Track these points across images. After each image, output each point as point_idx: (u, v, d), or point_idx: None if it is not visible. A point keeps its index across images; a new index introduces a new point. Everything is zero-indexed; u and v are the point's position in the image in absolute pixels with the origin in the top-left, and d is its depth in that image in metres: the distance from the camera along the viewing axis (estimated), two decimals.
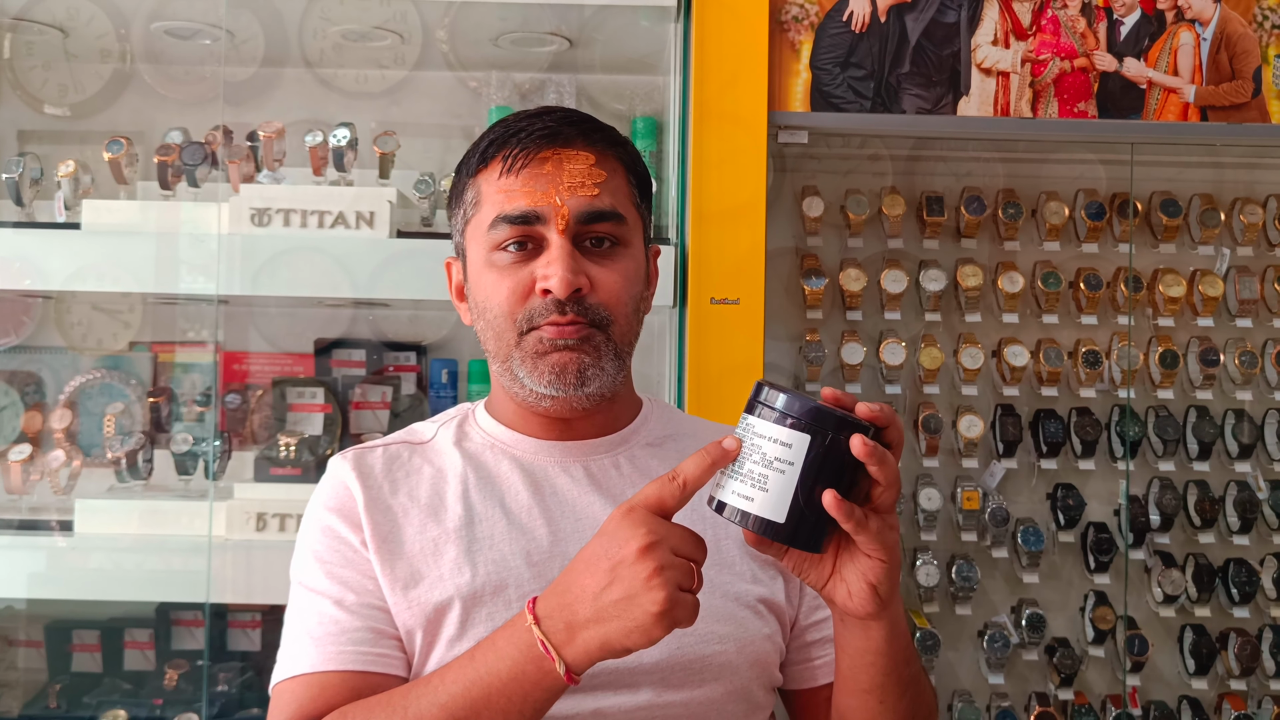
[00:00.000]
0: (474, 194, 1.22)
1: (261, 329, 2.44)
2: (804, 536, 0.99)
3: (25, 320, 2.46)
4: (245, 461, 2.22)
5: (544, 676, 1.00)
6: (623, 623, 0.97)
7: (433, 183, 2.22)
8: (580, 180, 1.17)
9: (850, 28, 2.15)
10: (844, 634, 1.10)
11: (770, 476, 0.98)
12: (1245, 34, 2.17)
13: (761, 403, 1.00)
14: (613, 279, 1.18)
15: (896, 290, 2.33)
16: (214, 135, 2.24)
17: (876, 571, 1.01)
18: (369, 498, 1.19)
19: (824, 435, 0.97)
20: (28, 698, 2.29)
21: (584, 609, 0.98)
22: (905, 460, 2.38)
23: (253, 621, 2.30)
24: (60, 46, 2.49)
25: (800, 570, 1.05)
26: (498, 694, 1.00)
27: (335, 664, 1.11)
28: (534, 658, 1.00)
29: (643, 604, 0.96)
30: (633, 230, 1.22)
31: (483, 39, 2.43)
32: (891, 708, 1.12)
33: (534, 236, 1.17)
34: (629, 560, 0.97)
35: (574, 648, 0.99)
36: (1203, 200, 2.41)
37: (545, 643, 0.99)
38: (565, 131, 1.18)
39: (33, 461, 2.21)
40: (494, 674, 1.01)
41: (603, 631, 0.98)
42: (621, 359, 1.21)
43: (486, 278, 1.19)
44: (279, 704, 1.12)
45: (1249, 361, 2.36)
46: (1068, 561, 2.42)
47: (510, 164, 1.17)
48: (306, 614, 1.15)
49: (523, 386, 1.19)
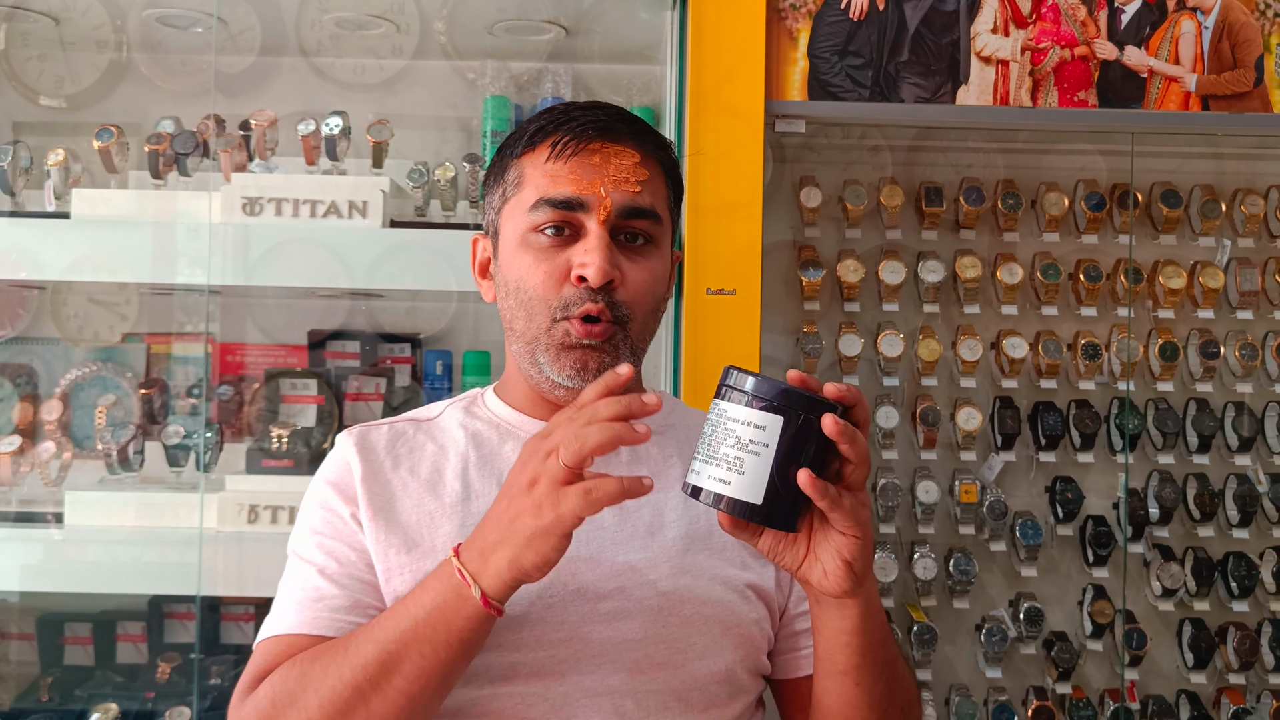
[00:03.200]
0: (516, 174, 1.24)
1: (255, 320, 2.43)
2: (780, 517, 1.01)
3: (21, 313, 2.45)
4: (237, 453, 2.21)
5: (464, 604, 1.05)
6: (520, 536, 1.02)
7: (426, 172, 2.20)
8: (625, 175, 1.20)
9: (848, 15, 2.13)
10: (820, 615, 1.12)
11: (745, 459, 0.99)
12: (1247, 22, 2.15)
13: (731, 386, 1.02)
14: (642, 276, 1.21)
15: (895, 282, 2.32)
16: (206, 124, 2.23)
17: (851, 548, 1.03)
18: (367, 470, 1.23)
19: (796, 416, 0.99)
20: (19, 690, 2.29)
21: (492, 533, 1.05)
22: (904, 453, 2.37)
23: (245, 614, 2.29)
24: (55, 36, 2.48)
25: (775, 553, 1.07)
26: (424, 626, 1.06)
27: (309, 628, 1.16)
28: (454, 586, 1.05)
29: (526, 516, 1.02)
30: (664, 232, 1.26)
31: (479, 28, 2.42)
32: (867, 690, 1.14)
33: (573, 223, 1.20)
34: (511, 482, 1.05)
35: (487, 572, 1.04)
36: (1203, 191, 2.39)
37: (463, 570, 1.05)
38: (617, 127, 1.22)
39: (22, 454, 2.20)
40: (421, 606, 1.07)
41: (509, 551, 1.03)
42: (637, 357, 1.24)
43: (522, 258, 1.21)
44: (253, 659, 1.18)
45: (1249, 354, 2.35)
46: (1066, 555, 2.40)
47: (559, 149, 1.20)
48: (292, 580, 1.21)
49: (540, 371, 1.22)
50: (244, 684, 1.15)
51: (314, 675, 1.08)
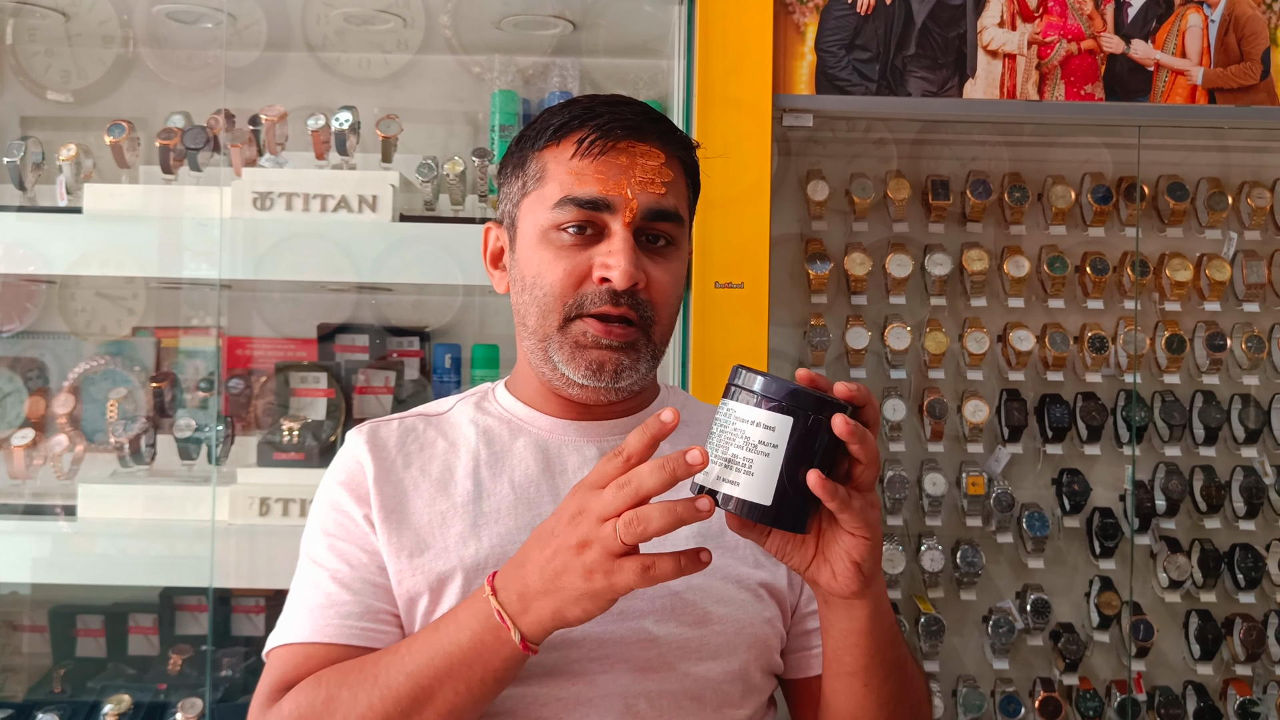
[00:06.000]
0: (538, 168, 1.22)
1: (264, 314, 2.44)
2: (789, 518, 1.00)
3: (29, 306, 2.46)
4: (248, 446, 2.22)
5: (501, 646, 1.04)
6: (567, 593, 1.00)
7: (435, 166, 2.21)
8: (651, 177, 1.18)
9: (855, 9, 2.13)
10: (828, 616, 1.11)
11: (755, 460, 0.98)
12: (1254, 15, 2.15)
13: (740, 386, 1.01)
14: (665, 278, 1.20)
15: (901, 275, 2.32)
16: (216, 119, 2.24)
17: (860, 549, 1.02)
18: (379, 470, 1.22)
19: (806, 416, 0.98)
20: (32, 682, 2.30)
21: (534, 581, 1.02)
22: (911, 445, 2.37)
23: (256, 606, 2.30)
24: (63, 31, 2.49)
25: (783, 553, 1.06)
26: (459, 663, 1.04)
27: (323, 636, 1.14)
28: (492, 627, 1.04)
29: (574, 576, 0.99)
30: (684, 233, 1.25)
31: (485, 22, 2.42)
32: (876, 690, 1.13)
33: (597, 223, 1.18)
34: (560, 533, 1.01)
35: (528, 617, 1.03)
36: (1210, 184, 2.40)
37: (501, 613, 1.03)
38: (644, 127, 1.20)
39: (35, 446, 2.21)
40: (455, 644, 1.05)
41: (553, 602, 1.01)
42: (657, 359, 1.23)
43: (540, 254, 1.20)
44: (268, 669, 1.17)
45: (1256, 346, 2.35)
46: (1073, 547, 2.41)
47: (586, 147, 1.18)
48: (305, 585, 1.19)
49: (554, 369, 1.21)
50: (263, 694, 1.14)
51: (342, 701, 1.07)
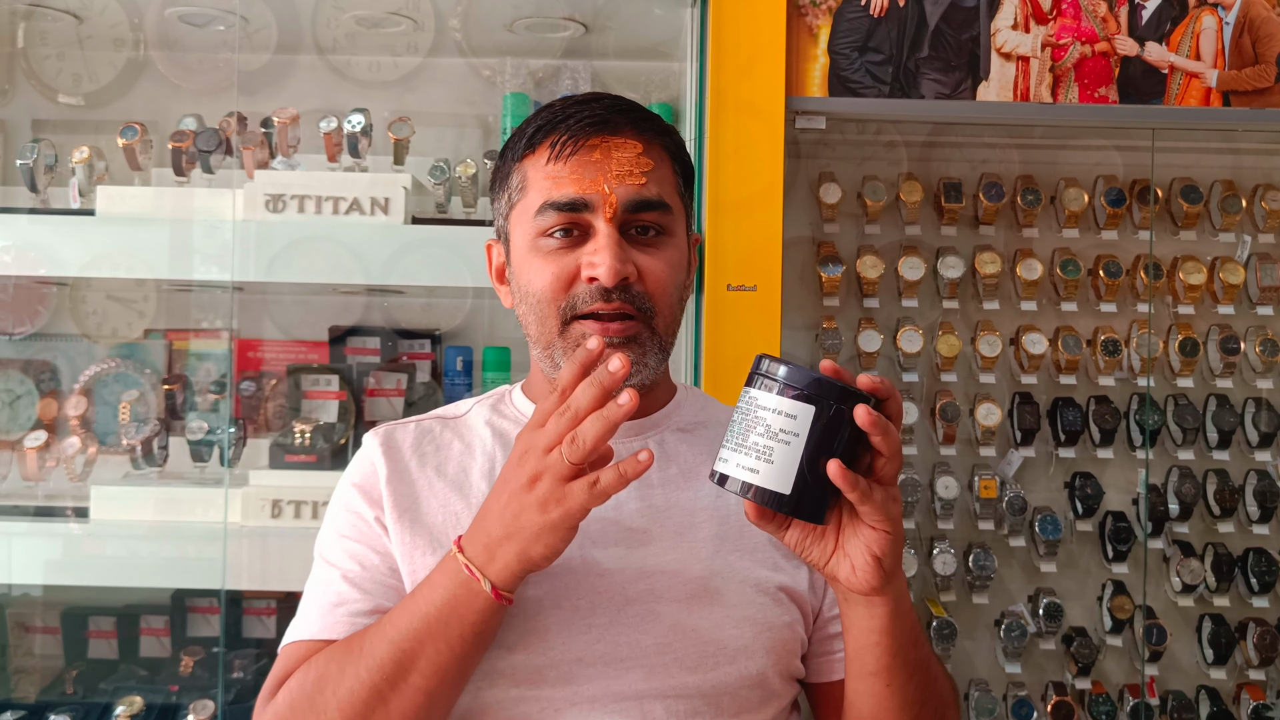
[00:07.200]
0: (520, 179, 1.22)
1: (276, 317, 2.44)
2: (808, 508, 1.00)
3: (40, 309, 2.46)
4: (260, 449, 2.22)
5: (474, 598, 1.06)
6: (527, 532, 1.03)
7: (448, 169, 2.21)
8: (628, 169, 1.17)
9: (868, 12, 2.13)
10: (849, 614, 1.10)
11: (775, 448, 0.98)
12: (1269, 18, 2.14)
13: (763, 375, 1.01)
14: (659, 268, 1.19)
15: (914, 278, 2.32)
16: (228, 122, 2.24)
17: (881, 543, 1.02)
18: (392, 471, 1.22)
19: (828, 406, 0.98)
20: (44, 684, 2.30)
21: (495, 528, 1.05)
22: (923, 449, 2.37)
23: (268, 608, 2.30)
24: (74, 34, 2.49)
25: (802, 547, 1.05)
26: (437, 623, 1.07)
27: (331, 633, 1.16)
28: (463, 582, 1.06)
29: (531, 513, 1.03)
30: (677, 219, 1.23)
31: (496, 25, 2.42)
32: (899, 690, 1.12)
33: (580, 224, 1.18)
34: (512, 477, 1.05)
35: (495, 565, 1.06)
36: (1224, 187, 2.39)
37: (470, 566, 1.06)
38: (614, 119, 1.18)
39: (48, 448, 2.21)
40: (431, 604, 1.08)
41: (515, 545, 1.04)
42: (665, 351, 1.22)
43: (532, 263, 1.20)
44: (277, 664, 1.19)
45: (1270, 349, 2.34)
46: (1085, 550, 2.40)
47: (558, 150, 1.17)
48: (317, 584, 1.21)
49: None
50: (267, 689, 1.16)
51: (330, 678, 1.09)
